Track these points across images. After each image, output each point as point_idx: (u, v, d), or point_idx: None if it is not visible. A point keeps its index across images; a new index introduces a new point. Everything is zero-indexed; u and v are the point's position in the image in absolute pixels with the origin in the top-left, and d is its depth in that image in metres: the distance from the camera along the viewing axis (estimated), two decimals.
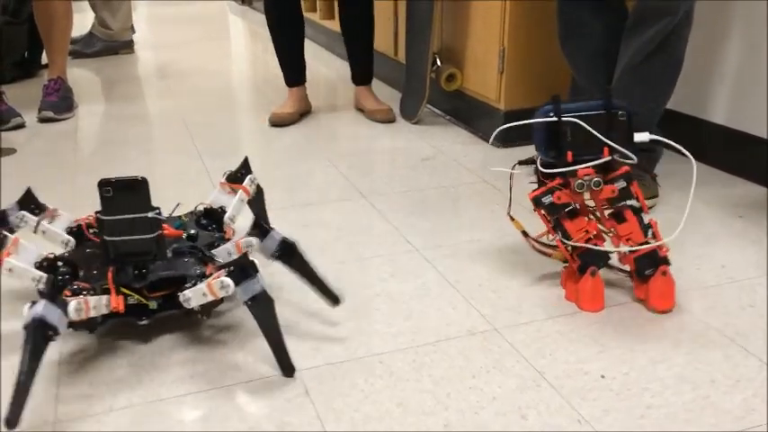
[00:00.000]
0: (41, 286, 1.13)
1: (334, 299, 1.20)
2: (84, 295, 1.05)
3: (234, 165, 1.43)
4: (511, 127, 2.13)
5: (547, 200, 1.24)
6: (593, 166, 1.21)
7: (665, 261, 1.24)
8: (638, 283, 1.27)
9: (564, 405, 1.01)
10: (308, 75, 2.50)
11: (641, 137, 1.23)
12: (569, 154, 1.21)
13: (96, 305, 1.04)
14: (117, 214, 1.08)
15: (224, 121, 2.48)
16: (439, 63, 2.36)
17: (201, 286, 1.05)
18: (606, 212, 1.26)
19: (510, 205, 1.36)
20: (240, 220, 1.37)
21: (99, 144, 2.26)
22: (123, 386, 1.06)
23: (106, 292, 1.09)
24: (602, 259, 1.27)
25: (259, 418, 0.99)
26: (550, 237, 1.30)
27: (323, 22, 3.57)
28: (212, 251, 1.21)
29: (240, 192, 1.35)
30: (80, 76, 3.19)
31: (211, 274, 1.07)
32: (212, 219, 1.32)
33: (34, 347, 0.94)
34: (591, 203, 1.27)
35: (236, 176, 1.38)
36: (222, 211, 1.32)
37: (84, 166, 2.03)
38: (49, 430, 0.97)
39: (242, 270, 1.03)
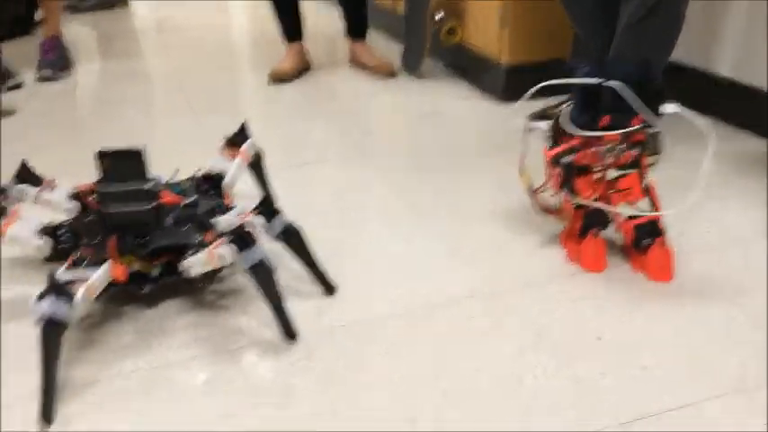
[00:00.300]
0: (44, 254, 1.15)
1: (329, 288, 1.22)
2: (86, 265, 1.06)
3: (233, 125, 1.43)
4: (515, 82, 2.11)
5: (567, 159, 1.23)
6: (622, 133, 1.19)
7: (663, 233, 1.24)
8: (635, 256, 1.27)
9: (560, 367, 1.03)
10: (307, 29, 2.46)
11: (670, 108, 1.21)
12: (606, 118, 1.20)
13: (99, 283, 1.05)
14: (115, 184, 1.08)
15: (222, 78, 2.45)
16: (438, 17, 2.32)
17: (202, 255, 1.06)
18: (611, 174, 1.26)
19: (522, 160, 1.32)
20: (239, 184, 1.38)
21: (98, 104, 2.25)
22: (130, 351, 1.09)
23: (108, 260, 1.10)
24: (604, 220, 1.27)
25: (263, 380, 1.02)
26: (552, 193, 1.29)
27: None
28: (215, 219, 1.21)
29: (239, 157, 1.35)
30: (76, 32, 3.15)
31: (211, 242, 1.08)
32: (212, 184, 1.32)
33: (50, 346, 0.96)
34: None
35: (235, 141, 1.38)
36: (221, 176, 1.32)
37: (85, 127, 2.02)
38: (60, 393, 0.99)
39: (242, 239, 1.04)
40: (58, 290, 0.97)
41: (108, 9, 3.57)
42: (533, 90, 1.30)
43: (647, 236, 1.24)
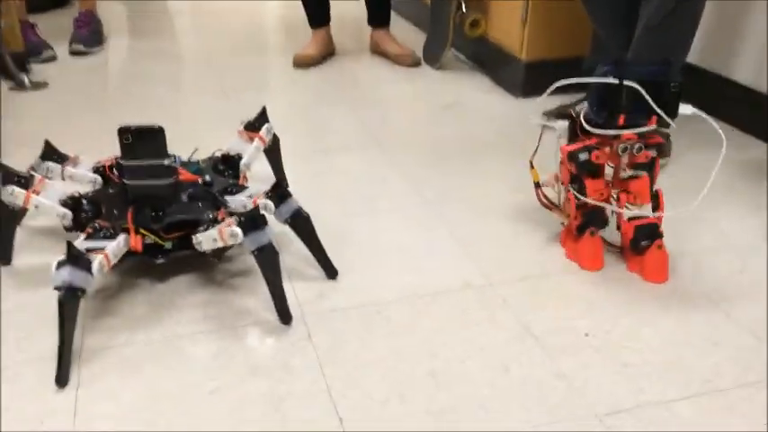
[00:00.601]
0: (66, 222, 1.22)
1: (332, 272, 1.28)
2: (104, 235, 1.13)
3: (256, 106, 1.49)
4: (534, 78, 2.14)
5: (583, 156, 1.26)
6: (638, 133, 1.23)
7: (661, 235, 1.28)
8: (631, 257, 1.32)
9: (545, 359, 1.09)
10: (334, 14, 2.51)
11: (686, 109, 1.23)
12: (623, 117, 1.23)
13: (115, 253, 1.12)
14: (135, 160, 1.16)
15: (249, 61, 2.51)
16: (464, 9, 2.35)
17: (212, 232, 1.13)
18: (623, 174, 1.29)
19: (535, 154, 1.35)
20: (256, 166, 1.44)
21: (127, 79, 2.33)
22: (142, 322, 1.16)
23: (125, 231, 1.17)
24: (603, 221, 1.32)
25: (264, 358, 1.09)
26: (557, 189, 1.34)
27: None
28: (228, 198, 1.28)
29: (257, 140, 1.41)
30: (111, 9, 3.22)
31: (223, 220, 1.15)
32: (229, 165, 1.38)
33: (67, 312, 1.03)
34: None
35: (254, 125, 1.44)
36: (239, 157, 1.39)
37: (114, 102, 2.10)
38: (74, 359, 1.07)
39: (251, 221, 1.10)
40: (77, 259, 1.04)
41: None
42: (553, 87, 1.31)
43: (645, 238, 1.28)
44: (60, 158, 1.36)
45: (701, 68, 2.02)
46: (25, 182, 1.22)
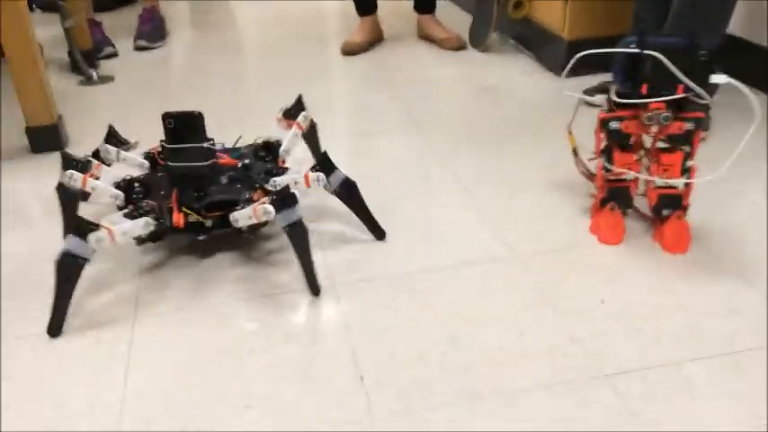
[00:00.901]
0: (119, 203, 1.34)
1: (380, 233, 1.38)
2: (140, 214, 1.25)
3: (304, 93, 1.58)
4: (578, 58, 2.16)
5: (614, 125, 1.29)
6: (666, 102, 1.23)
7: (684, 208, 1.30)
8: (657, 226, 1.34)
9: (561, 324, 1.14)
10: (382, 2, 2.58)
11: (719, 78, 1.23)
12: (644, 86, 1.25)
13: (127, 231, 1.21)
14: (178, 143, 1.26)
15: (301, 49, 2.61)
16: None
17: (248, 210, 1.22)
18: (659, 145, 1.31)
19: (572, 121, 1.39)
20: (296, 151, 1.53)
21: (187, 72, 2.47)
22: (188, 292, 1.27)
23: (170, 210, 1.28)
24: (626, 201, 1.35)
25: (295, 322, 1.18)
26: (591, 157, 1.37)
27: None
28: (274, 179, 1.35)
29: (294, 127, 1.50)
30: (173, 5, 3.38)
31: (258, 200, 1.24)
32: (269, 151, 1.48)
33: (64, 275, 1.16)
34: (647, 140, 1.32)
35: (291, 113, 1.53)
36: (278, 143, 1.48)
37: (175, 93, 2.24)
38: (131, 323, 1.19)
39: (283, 200, 1.19)
40: (79, 230, 1.16)
41: None
42: (574, 60, 1.35)
43: (667, 207, 1.30)
44: (120, 143, 1.49)
45: (747, 40, 1.99)
46: (83, 167, 1.34)
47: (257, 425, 0.98)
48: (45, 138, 1.82)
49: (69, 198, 1.36)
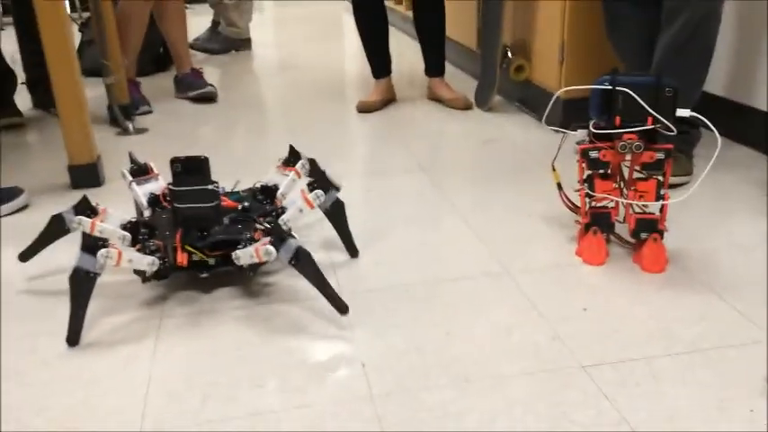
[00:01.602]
0: (126, 243, 1.39)
1: (353, 252, 1.54)
2: (154, 253, 1.34)
3: (320, 145, 1.74)
4: (571, 113, 2.34)
5: (593, 154, 1.44)
6: (637, 132, 1.39)
7: (660, 231, 1.44)
8: (636, 250, 1.47)
9: (545, 327, 1.26)
10: (397, 64, 2.80)
11: (682, 112, 1.39)
12: (617, 118, 1.40)
13: (134, 258, 1.31)
14: (184, 186, 1.37)
15: (321, 107, 2.83)
16: (510, 55, 2.59)
17: (250, 249, 1.31)
18: (635, 175, 1.45)
19: (555, 157, 1.54)
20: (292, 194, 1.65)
21: (214, 127, 2.68)
22: (201, 309, 1.41)
23: (174, 249, 1.37)
24: (608, 226, 1.48)
25: (304, 322, 1.31)
26: (576, 188, 1.50)
27: (409, 12, 3.87)
28: (284, 216, 1.43)
29: (292, 173, 1.57)
30: (207, 70, 3.65)
31: (259, 239, 1.35)
32: (267, 194, 1.56)
33: (77, 288, 1.26)
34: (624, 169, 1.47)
35: (289, 161, 1.61)
36: (276, 187, 1.58)
37: (199, 143, 2.44)
38: (153, 338, 1.33)
39: (279, 238, 1.29)
40: (88, 248, 1.26)
41: (232, 51, 4.09)
42: (554, 98, 1.51)
43: (644, 230, 1.44)
44: (141, 172, 1.58)
45: (726, 98, 2.16)
46: (92, 212, 1.41)
47: (268, 402, 1.10)
48: (85, 175, 2.00)
49: (59, 234, 1.47)
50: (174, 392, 1.14)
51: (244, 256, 1.33)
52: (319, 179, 1.49)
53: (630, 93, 1.37)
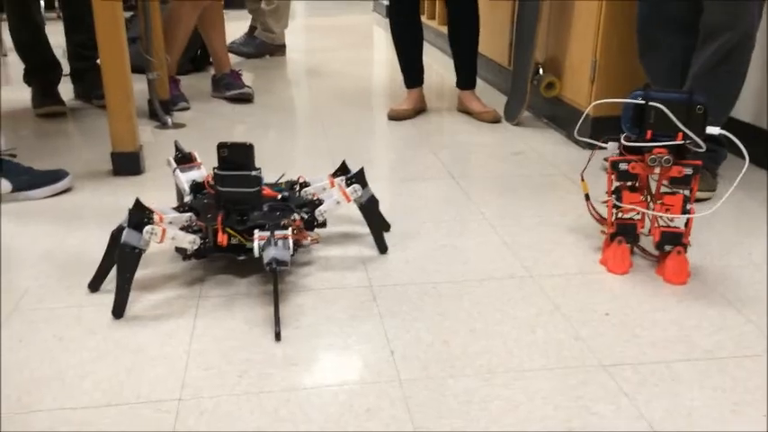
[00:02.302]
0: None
1: (383, 248, 1.61)
2: (195, 231, 1.42)
3: (353, 148, 1.80)
4: (601, 131, 2.40)
5: (623, 166, 1.49)
6: (667, 147, 1.43)
7: (684, 245, 1.48)
8: (660, 262, 1.52)
9: (568, 327, 1.31)
10: (427, 77, 2.87)
11: (712, 130, 1.44)
12: (649, 132, 1.45)
13: (179, 236, 1.38)
14: (229, 170, 1.44)
15: (353, 113, 2.90)
16: (541, 71, 2.65)
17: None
18: (663, 189, 1.50)
19: (585, 168, 1.59)
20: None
21: (249, 125, 2.76)
22: (222, 301, 1.48)
23: (215, 231, 1.43)
24: (633, 236, 1.53)
25: (334, 311, 1.37)
26: (603, 199, 1.55)
27: (440, 27, 3.96)
28: (321, 207, 1.52)
29: (342, 195, 1.53)
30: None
31: (292, 226, 1.43)
32: (305, 188, 1.63)
33: (123, 263, 1.33)
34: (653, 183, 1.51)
35: (336, 174, 1.64)
36: (307, 184, 1.63)
37: (237, 139, 2.51)
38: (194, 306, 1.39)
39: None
40: (135, 225, 1.33)
41: (268, 56, 4.19)
42: (589, 108, 1.56)
43: (669, 242, 1.48)
44: (186, 159, 1.67)
45: (752, 125, 2.21)
46: (149, 218, 1.39)
47: (300, 380, 1.16)
48: (127, 163, 2.08)
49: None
50: (211, 366, 1.20)
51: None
52: (357, 175, 1.55)
53: (663, 108, 1.42)
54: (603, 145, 1.57)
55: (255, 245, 1.38)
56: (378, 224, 1.60)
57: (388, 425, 1.05)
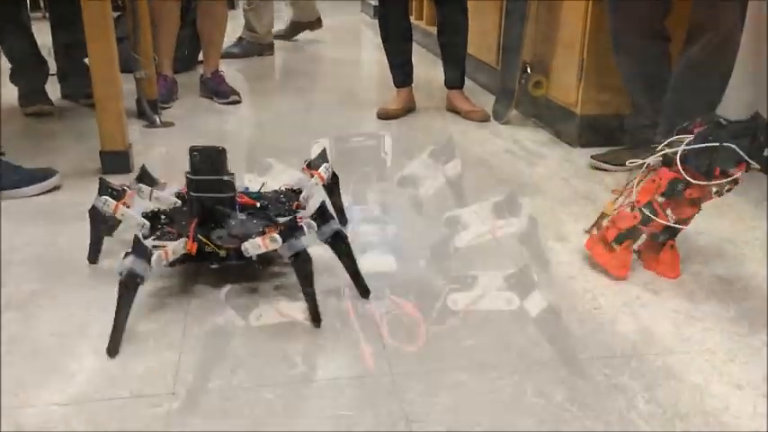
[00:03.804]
0: (144, 231, 1.42)
1: (364, 291, 1.40)
2: (168, 239, 1.37)
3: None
4: (588, 130, 2.42)
5: (679, 187, 1.43)
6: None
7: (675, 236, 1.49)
8: (647, 257, 1.53)
9: (558, 321, 1.33)
10: (415, 76, 2.88)
11: None
12: (717, 169, 1.39)
13: (175, 250, 1.34)
14: (201, 175, 1.36)
15: (342, 112, 2.91)
16: (529, 70, 2.67)
17: (257, 240, 1.31)
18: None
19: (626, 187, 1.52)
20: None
21: (236, 123, 2.76)
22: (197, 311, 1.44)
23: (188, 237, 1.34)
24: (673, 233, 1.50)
25: (328, 306, 1.37)
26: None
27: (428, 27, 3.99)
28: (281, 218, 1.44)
29: (316, 176, 1.61)
30: (230, 72, 3.73)
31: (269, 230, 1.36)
32: (288, 196, 1.59)
33: (124, 293, 1.22)
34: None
35: (314, 164, 1.63)
36: (299, 191, 1.60)
37: (223, 140, 2.51)
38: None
39: (290, 230, 1.28)
40: (140, 251, 1.23)
41: (256, 56, 4.19)
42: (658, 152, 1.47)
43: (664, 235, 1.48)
44: (151, 182, 1.59)
45: None
46: (118, 194, 1.44)
47: (294, 374, 1.17)
48: (115, 162, 2.08)
49: (99, 222, 1.49)
50: (204, 361, 1.20)
51: (252, 246, 1.32)
52: (319, 210, 1.38)
53: (738, 150, 1.36)
54: (643, 161, 1.50)
55: (255, 242, 1.32)
56: (353, 263, 1.39)
57: (380, 419, 1.06)
